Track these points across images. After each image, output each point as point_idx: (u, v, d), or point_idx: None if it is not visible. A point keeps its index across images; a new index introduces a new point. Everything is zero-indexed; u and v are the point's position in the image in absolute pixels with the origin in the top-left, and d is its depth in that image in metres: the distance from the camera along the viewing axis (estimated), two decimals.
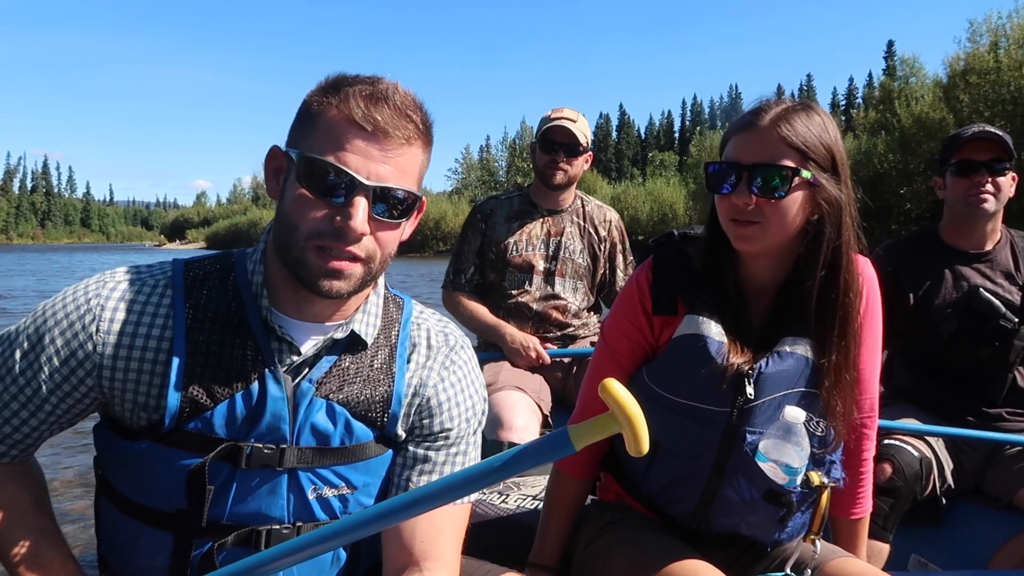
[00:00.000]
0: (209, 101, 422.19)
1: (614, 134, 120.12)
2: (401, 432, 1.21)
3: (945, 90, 28.40)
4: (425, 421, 1.22)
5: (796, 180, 1.28)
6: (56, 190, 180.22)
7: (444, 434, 1.23)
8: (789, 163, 1.28)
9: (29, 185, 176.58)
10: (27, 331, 1.12)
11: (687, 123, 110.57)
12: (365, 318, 1.19)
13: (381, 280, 1.24)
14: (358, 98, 1.05)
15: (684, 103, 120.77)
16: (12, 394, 1.11)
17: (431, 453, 1.22)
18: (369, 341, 1.19)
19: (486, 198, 3.12)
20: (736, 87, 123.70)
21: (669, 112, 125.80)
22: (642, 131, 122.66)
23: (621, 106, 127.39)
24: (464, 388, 1.27)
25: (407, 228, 1.17)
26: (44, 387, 1.10)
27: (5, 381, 1.11)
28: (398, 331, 1.23)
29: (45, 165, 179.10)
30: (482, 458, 1.30)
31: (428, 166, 1.16)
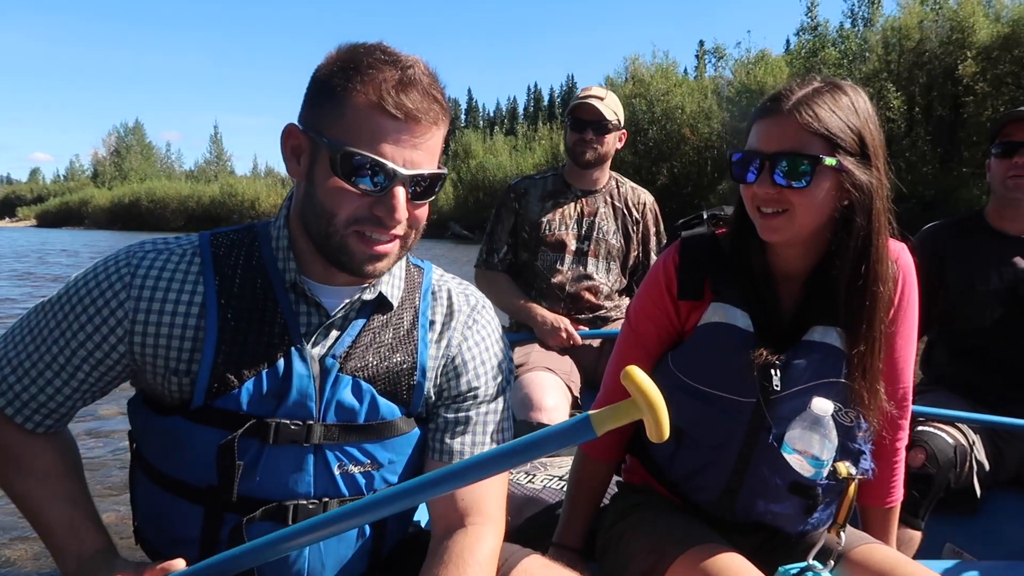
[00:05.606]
0: (49, 69, 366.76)
1: (463, 118, 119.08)
2: (432, 395, 1.24)
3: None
4: (452, 382, 1.25)
5: (819, 168, 1.24)
6: None
7: (472, 393, 1.26)
8: (812, 151, 1.24)
9: None
10: (60, 301, 1.15)
11: (530, 108, 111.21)
12: (391, 280, 1.22)
13: None
14: (388, 86, 1.04)
15: (528, 89, 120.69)
16: (47, 362, 1.14)
17: (462, 414, 1.25)
18: (395, 303, 1.22)
19: (520, 177, 3.11)
20: (572, 77, 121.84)
21: (514, 97, 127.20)
22: (491, 114, 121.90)
23: (469, 91, 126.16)
24: (489, 347, 1.29)
25: None
26: (76, 355, 1.13)
27: (41, 350, 1.14)
28: (420, 294, 1.27)
29: None
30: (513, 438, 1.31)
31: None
